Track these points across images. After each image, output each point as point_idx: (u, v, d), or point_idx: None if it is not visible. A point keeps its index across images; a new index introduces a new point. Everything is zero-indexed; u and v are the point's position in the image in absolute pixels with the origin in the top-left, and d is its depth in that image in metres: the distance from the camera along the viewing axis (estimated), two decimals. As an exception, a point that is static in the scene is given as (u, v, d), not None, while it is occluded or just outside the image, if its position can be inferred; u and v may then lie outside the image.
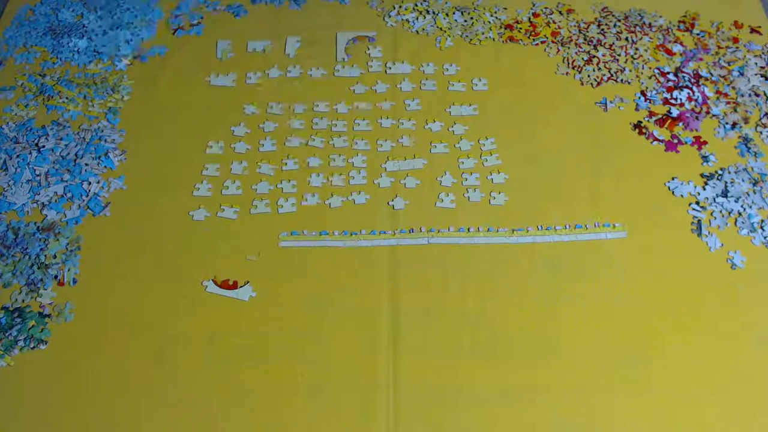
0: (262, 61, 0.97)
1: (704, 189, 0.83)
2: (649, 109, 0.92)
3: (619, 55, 0.98)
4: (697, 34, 1.01)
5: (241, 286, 0.75)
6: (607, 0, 1.05)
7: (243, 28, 1.02)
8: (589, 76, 0.96)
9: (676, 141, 0.89)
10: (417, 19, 1.03)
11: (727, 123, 0.90)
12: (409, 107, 0.92)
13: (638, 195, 0.83)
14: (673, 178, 0.85)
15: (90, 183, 0.84)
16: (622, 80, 0.95)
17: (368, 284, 0.76)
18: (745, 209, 0.82)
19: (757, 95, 0.93)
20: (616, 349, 0.72)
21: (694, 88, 0.93)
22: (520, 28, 1.01)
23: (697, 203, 0.82)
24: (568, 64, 0.97)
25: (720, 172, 0.85)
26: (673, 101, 0.92)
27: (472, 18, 1.02)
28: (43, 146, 0.86)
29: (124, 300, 0.75)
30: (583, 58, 0.98)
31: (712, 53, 0.98)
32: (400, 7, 1.04)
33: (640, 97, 0.93)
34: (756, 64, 0.96)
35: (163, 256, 0.78)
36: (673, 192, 0.84)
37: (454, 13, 1.03)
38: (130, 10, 1.03)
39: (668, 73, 0.96)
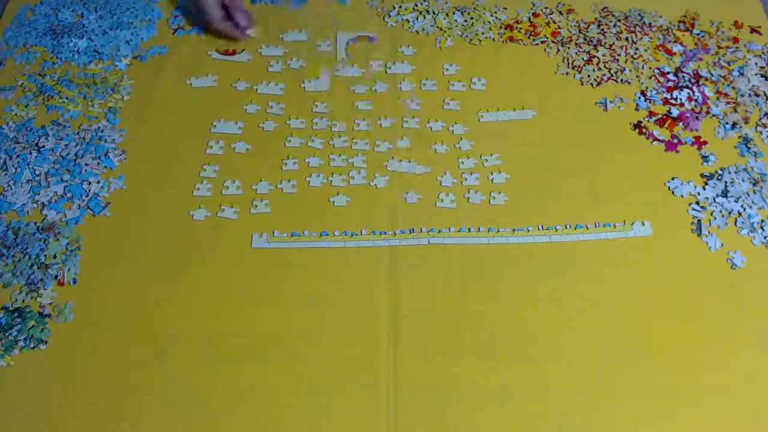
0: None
1: (704, 189, 0.83)
2: (649, 109, 0.92)
3: (619, 55, 0.98)
4: (697, 34, 1.00)
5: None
6: (607, 0, 1.05)
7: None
8: (589, 76, 0.96)
9: (676, 141, 0.89)
10: (417, 19, 1.03)
11: (727, 123, 0.90)
12: (409, 107, 0.92)
13: (638, 195, 0.83)
14: (673, 178, 0.85)
15: (90, 183, 0.84)
16: (622, 80, 0.95)
17: (368, 284, 0.76)
18: (745, 209, 0.82)
19: (757, 95, 0.93)
20: (616, 349, 0.72)
21: (694, 88, 0.93)
22: (520, 28, 1.01)
23: (697, 203, 0.82)
24: (568, 64, 0.97)
25: (720, 172, 0.85)
26: (673, 101, 0.92)
27: (472, 18, 1.02)
28: (43, 146, 0.86)
29: (124, 300, 0.75)
30: (583, 58, 0.98)
31: (712, 53, 0.98)
32: (400, 7, 1.04)
33: (640, 97, 0.93)
34: (756, 64, 0.96)
35: (163, 256, 0.78)
36: (673, 192, 0.84)
37: (454, 13, 1.03)
38: (130, 10, 1.03)
39: (668, 73, 0.96)
